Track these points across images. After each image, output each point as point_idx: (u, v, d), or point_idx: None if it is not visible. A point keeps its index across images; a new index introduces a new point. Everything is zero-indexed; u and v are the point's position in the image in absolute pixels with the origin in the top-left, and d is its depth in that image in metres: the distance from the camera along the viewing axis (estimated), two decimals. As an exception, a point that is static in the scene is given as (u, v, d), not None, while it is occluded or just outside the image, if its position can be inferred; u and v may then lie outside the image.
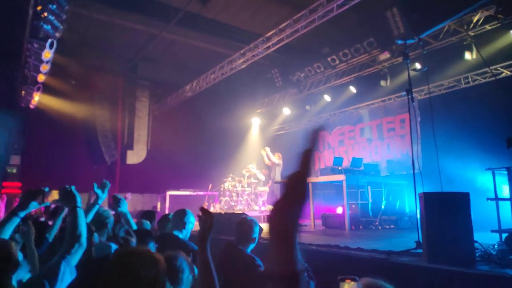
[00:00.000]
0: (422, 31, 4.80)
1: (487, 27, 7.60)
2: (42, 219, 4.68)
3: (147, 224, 4.16)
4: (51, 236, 3.13)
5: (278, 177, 10.16)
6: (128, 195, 5.25)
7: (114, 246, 2.38)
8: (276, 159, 10.30)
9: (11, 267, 1.73)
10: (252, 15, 9.79)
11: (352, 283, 1.74)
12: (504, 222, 4.52)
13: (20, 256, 2.34)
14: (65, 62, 10.11)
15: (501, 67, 8.28)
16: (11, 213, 2.15)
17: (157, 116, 13.56)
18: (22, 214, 2.16)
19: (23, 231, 2.68)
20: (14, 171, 11.24)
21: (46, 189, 2.18)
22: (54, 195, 2.06)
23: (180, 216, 3.47)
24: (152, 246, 2.58)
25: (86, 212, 2.98)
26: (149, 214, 4.70)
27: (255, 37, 9.33)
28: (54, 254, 1.84)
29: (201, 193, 11.51)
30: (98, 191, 2.88)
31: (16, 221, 2.15)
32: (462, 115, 8.41)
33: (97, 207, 2.89)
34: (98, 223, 2.82)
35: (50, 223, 3.46)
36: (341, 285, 1.77)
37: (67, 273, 1.71)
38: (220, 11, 9.70)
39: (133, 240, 2.45)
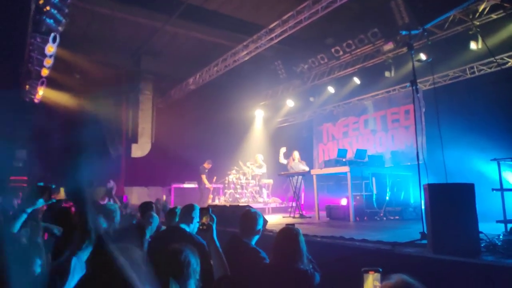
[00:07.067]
0: (427, 21, 4.74)
1: (493, 16, 7.48)
2: None
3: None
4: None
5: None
6: (112, 183, 5.05)
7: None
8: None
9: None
10: (255, 7, 9.70)
11: (376, 274, 1.73)
12: (510, 212, 4.52)
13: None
14: (69, 56, 10.13)
15: (507, 57, 8.18)
16: (18, 210, 2.19)
17: (161, 109, 13.57)
18: (29, 210, 2.20)
19: (31, 226, 2.72)
20: (21, 165, 11.37)
21: (53, 186, 2.20)
22: (61, 192, 2.07)
23: (188, 211, 3.50)
24: None
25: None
26: (145, 206, 4.53)
27: (258, 29, 9.25)
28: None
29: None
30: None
31: (24, 217, 2.19)
32: (467, 105, 8.34)
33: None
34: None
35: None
36: (365, 277, 1.73)
37: (78, 268, 1.75)
38: (223, 3, 9.62)
39: None
